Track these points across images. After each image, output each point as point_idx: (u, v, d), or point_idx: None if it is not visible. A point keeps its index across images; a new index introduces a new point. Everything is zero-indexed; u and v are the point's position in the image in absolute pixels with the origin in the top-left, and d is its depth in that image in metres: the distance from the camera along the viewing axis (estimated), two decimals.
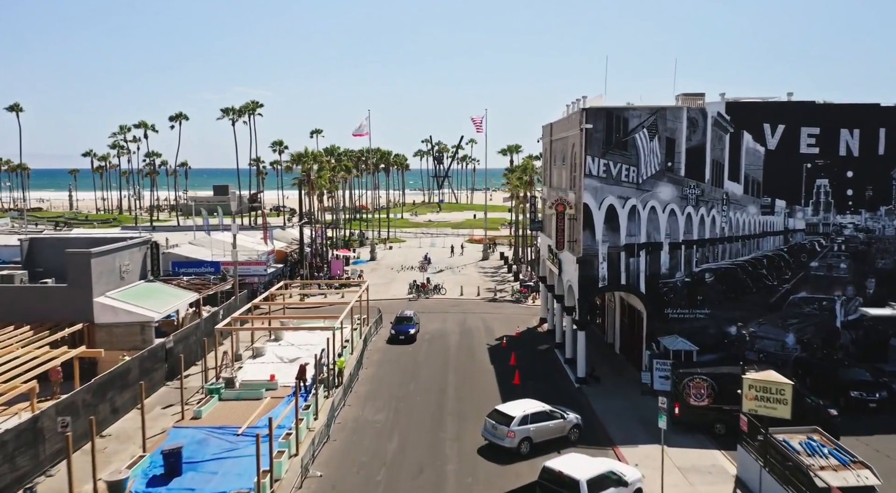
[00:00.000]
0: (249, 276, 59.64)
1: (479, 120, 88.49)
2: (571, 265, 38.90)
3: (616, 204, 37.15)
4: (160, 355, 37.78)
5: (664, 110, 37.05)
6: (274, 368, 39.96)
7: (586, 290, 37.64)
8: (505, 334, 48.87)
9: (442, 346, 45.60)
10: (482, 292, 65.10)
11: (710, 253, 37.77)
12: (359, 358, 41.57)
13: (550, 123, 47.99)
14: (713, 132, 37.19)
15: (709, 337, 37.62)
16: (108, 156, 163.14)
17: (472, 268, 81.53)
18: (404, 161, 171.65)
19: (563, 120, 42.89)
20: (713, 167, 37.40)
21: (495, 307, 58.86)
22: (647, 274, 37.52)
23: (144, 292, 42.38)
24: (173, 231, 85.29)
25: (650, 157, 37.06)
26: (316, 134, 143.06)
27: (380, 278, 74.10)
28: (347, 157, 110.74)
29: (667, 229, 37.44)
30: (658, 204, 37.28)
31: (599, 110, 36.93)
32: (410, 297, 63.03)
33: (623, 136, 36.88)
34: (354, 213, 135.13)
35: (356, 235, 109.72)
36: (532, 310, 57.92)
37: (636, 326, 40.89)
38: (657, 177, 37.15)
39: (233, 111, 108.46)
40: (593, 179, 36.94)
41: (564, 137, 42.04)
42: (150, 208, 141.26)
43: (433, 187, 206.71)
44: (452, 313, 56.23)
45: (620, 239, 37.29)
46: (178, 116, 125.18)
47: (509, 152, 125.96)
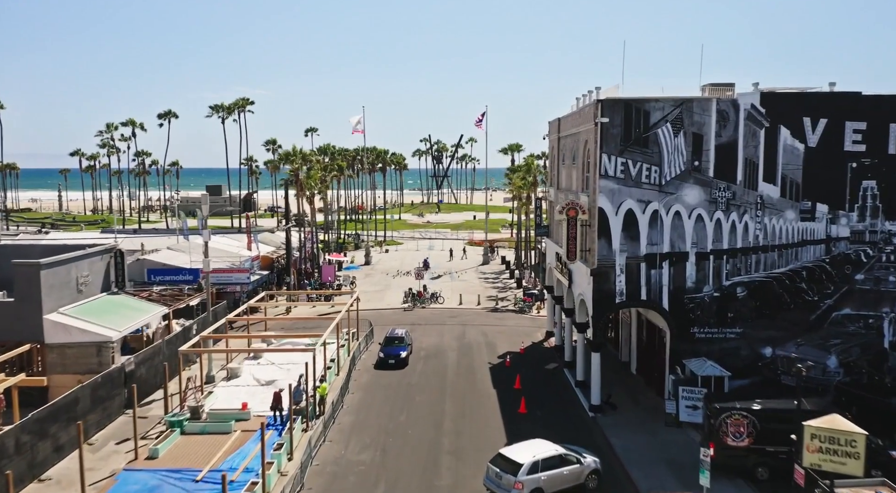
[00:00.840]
0: (231, 284, 55.17)
1: (480, 117, 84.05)
2: (584, 278, 34.42)
3: (635, 208, 32.67)
4: (118, 380, 33.29)
5: (690, 102, 32.55)
6: (250, 392, 35.48)
7: (601, 306, 33.15)
8: (508, 351, 44.36)
9: (438, 366, 41.07)
10: (483, 300, 60.61)
11: (743, 264, 33.27)
12: (345, 380, 37.08)
13: (558, 119, 43.50)
14: (746, 127, 32.69)
15: (740, 359, 33.16)
16: (98, 155, 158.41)
17: (472, 273, 77.03)
18: (402, 161, 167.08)
19: (574, 114, 38.40)
20: (746, 167, 32.91)
21: (497, 319, 54.36)
22: (670, 288, 33.04)
23: (105, 307, 37.87)
24: (157, 235, 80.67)
25: (674, 155, 32.57)
26: (311, 132, 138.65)
27: (374, 284, 69.60)
28: (342, 156, 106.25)
29: (693, 237, 32.94)
30: (683, 209, 32.79)
31: (617, 102, 32.44)
32: (406, 306, 58.52)
33: (644, 131, 32.38)
34: (351, 214, 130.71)
35: (352, 237, 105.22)
36: (537, 321, 53.41)
37: (656, 344, 36.40)
38: (682, 178, 32.66)
39: (222, 108, 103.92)
40: (609, 180, 32.45)
41: (575, 133, 37.56)
42: (139, 209, 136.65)
43: (432, 187, 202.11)
44: (450, 326, 51.73)
45: (640, 248, 32.81)
46: (168, 114, 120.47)
47: (510, 151, 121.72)
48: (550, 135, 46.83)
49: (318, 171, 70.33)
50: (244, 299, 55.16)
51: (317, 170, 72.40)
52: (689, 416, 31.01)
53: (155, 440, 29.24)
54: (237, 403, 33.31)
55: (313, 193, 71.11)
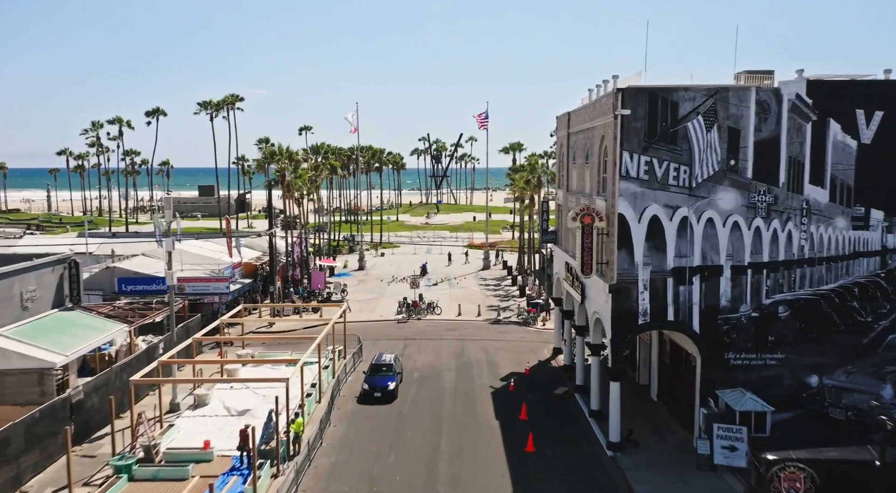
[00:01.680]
0: (208, 294, 50.61)
1: (483, 116, 79.39)
2: (601, 294, 29.88)
3: (661, 215, 28.14)
4: (62, 414, 28.76)
5: (725, 91, 28.00)
6: (218, 424, 30.99)
7: (621, 328, 28.61)
8: (512, 372, 39.81)
9: (434, 391, 36.48)
10: (483, 310, 56.06)
11: (785, 280, 28.73)
12: (327, 410, 32.54)
13: (568, 113, 38.97)
14: (790, 120, 28.14)
15: (782, 390, 28.65)
16: (87, 154, 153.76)
17: (472, 280, 72.47)
18: (400, 160, 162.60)
19: (588, 107, 33.85)
20: (790, 167, 28.37)
21: (499, 332, 49.81)
22: (702, 308, 28.50)
23: (54, 327, 33.33)
24: (139, 238, 76.10)
25: (707, 152, 28.03)
26: (305, 131, 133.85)
27: (366, 292, 65.05)
28: (336, 155, 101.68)
29: (728, 249, 28.41)
30: (717, 215, 28.25)
31: (640, 91, 27.90)
32: (400, 318, 53.94)
33: (671, 125, 27.85)
34: (348, 215, 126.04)
35: (347, 239, 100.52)
36: (543, 335, 48.88)
37: (683, 369, 31.85)
38: (716, 179, 28.12)
39: (211, 105, 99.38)
40: (631, 181, 27.92)
41: (589, 128, 33.02)
42: (126, 211, 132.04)
43: (431, 187, 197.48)
44: (448, 341, 47.17)
45: (667, 261, 28.28)
46: (156, 112, 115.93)
47: (511, 151, 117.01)
48: (559, 131, 42.30)
49: (307, 171, 65.76)
50: (223, 311, 50.64)
51: (306, 170, 67.86)
52: (726, 458, 26.47)
53: (98, 489, 24.74)
54: (202, 438, 28.79)
55: (302, 194, 66.58)
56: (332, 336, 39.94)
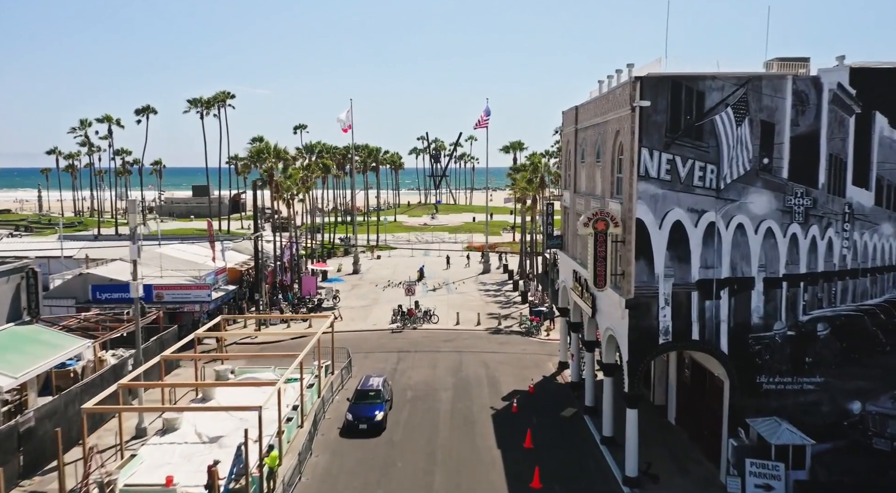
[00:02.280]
0: (189, 303, 47.29)
1: (485, 115, 75.89)
2: (616, 309, 26.57)
3: (685, 220, 24.83)
4: (9, 445, 25.46)
5: (758, 80, 24.68)
6: (187, 453, 27.68)
7: (640, 348, 25.29)
8: (514, 390, 36.50)
9: (429, 413, 33.13)
10: (483, 319, 52.72)
11: (825, 294, 25.42)
12: (309, 436, 29.22)
13: (575, 107, 35.66)
14: (831, 113, 24.83)
15: (820, 417, 25.36)
16: (78, 154, 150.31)
17: (471, 284, 69.14)
18: (398, 159, 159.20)
19: (599, 99, 30.50)
20: (830, 166, 25.05)
21: (500, 343, 46.49)
22: (730, 325, 25.20)
23: (6, 344, 30.00)
24: (126, 242, 72.65)
25: (737, 149, 24.72)
26: (300, 129, 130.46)
27: (360, 298, 61.72)
28: (331, 154, 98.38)
29: (761, 258, 25.10)
30: (749, 220, 24.95)
31: (662, 80, 24.58)
32: (394, 327, 50.58)
33: (697, 118, 24.55)
34: (344, 216, 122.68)
35: (343, 241, 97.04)
36: (547, 346, 45.56)
37: (707, 391, 28.54)
38: (748, 180, 24.82)
39: (201, 102, 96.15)
40: (651, 182, 24.61)
41: (601, 122, 29.70)
42: (114, 212, 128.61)
43: (430, 187, 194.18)
44: (445, 353, 43.84)
45: (692, 272, 24.98)
46: (146, 110, 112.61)
47: (512, 150, 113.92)
48: (565, 127, 38.99)
49: (298, 170, 62.41)
50: (205, 320, 47.33)
51: (297, 169, 64.53)
52: None
53: None
54: (166, 471, 25.48)
55: (293, 195, 63.26)
56: (318, 350, 36.67)
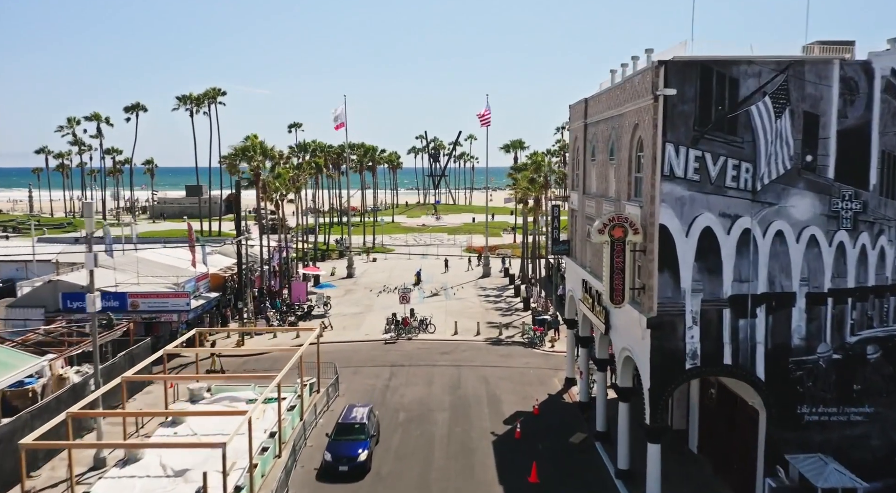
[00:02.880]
0: (166, 312, 43.95)
1: (486, 112, 72.47)
2: (635, 328, 23.30)
3: (716, 226, 21.58)
4: None
5: (800, 65, 21.41)
6: (147, 488, 24.37)
7: (664, 374, 22.02)
8: (517, 411, 33.21)
9: (423, 440, 29.82)
10: (483, 328, 49.41)
11: (876, 311, 22.17)
12: (285, 472, 25.89)
13: (584, 100, 32.38)
14: (884, 104, 21.58)
15: (869, 452, 22.14)
16: (69, 153, 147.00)
17: (470, 289, 65.83)
18: (396, 158, 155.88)
19: (614, 89, 27.19)
20: (883, 164, 21.80)
21: (501, 356, 43.19)
22: (768, 347, 21.94)
23: None
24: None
25: (776, 145, 21.46)
26: (295, 128, 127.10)
27: (353, 304, 58.41)
28: (325, 152, 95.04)
29: (803, 270, 21.85)
30: (789, 227, 21.70)
31: (690, 65, 21.31)
32: (388, 337, 47.24)
33: (730, 108, 21.30)
34: (341, 216, 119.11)
35: (339, 243, 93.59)
36: (552, 359, 42.29)
37: (737, 419, 25.27)
38: (788, 180, 21.56)
39: (190, 99, 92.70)
40: (677, 183, 21.35)
41: (615, 115, 26.42)
42: (107, 212, 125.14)
43: (428, 187, 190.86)
44: (442, 367, 40.55)
45: (723, 287, 21.72)
46: (135, 107, 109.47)
47: (513, 149, 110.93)
48: (572, 123, 35.71)
49: (287, 170, 59.11)
50: (183, 331, 44.06)
51: (287, 168, 61.24)
52: None
53: None
54: None
55: (283, 195, 59.97)
56: (301, 367, 33.39)
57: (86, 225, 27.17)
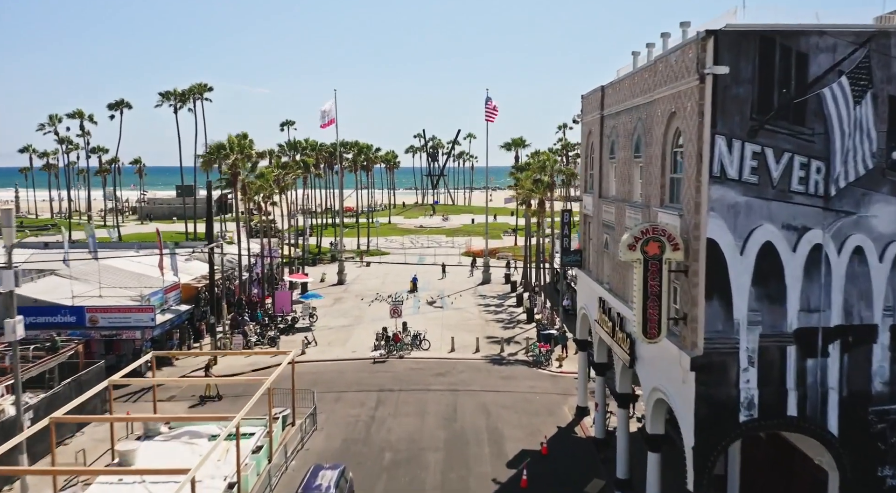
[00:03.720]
0: (129, 328, 39.38)
1: (491, 105, 67.69)
2: (672, 367, 18.69)
3: (779, 242, 17.00)
4: None
5: (886, 38, 16.83)
6: None
7: (712, 429, 17.43)
8: (523, 449, 28.65)
9: (410, 488, 25.24)
10: (482, 343, 44.85)
11: None
12: None
13: (601, 88, 27.81)
14: None
15: None
16: (54, 152, 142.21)
17: (469, 298, 61.30)
18: (393, 158, 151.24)
19: (641, 72, 22.56)
20: None
21: (503, 377, 38.64)
22: (842, 395, 17.36)
23: None
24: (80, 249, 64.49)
25: (854, 139, 16.88)
26: (287, 126, 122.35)
27: (341, 315, 53.83)
28: (317, 150, 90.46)
29: (888, 298, 17.27)
30: (871, 242, 17.11)
31: (746, 36, 16.71)
32: (377, 355, 42.62)
33: (797, 92, 16.71)
34: (334, 217, 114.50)
35: (333, 246, 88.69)
36: (560, 382, 37.77)
37: (796, 480, 20.68)
38: (869, 182, 16.99)
39: (174, 95, 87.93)
40: (730, 186, 16.77)
41: (643, 104, 21.83)
42: (94, 212, 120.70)
43: (427, 187, 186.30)
44: (436, 392, 35.99)
45: (787, 318, 17.15)
46: (119, 104, 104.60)
47: (514, 147, 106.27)
48: (585, 115, 31.14)
49: (271, 169, 54.54)
50: (147, 349, 39.55)
51: (271, 168, 56.65)
52: None
53: None
54: None
55: (266, 197, 55.40)
56: (281, 391, 28.86)
57: (5, 237, 22.61)
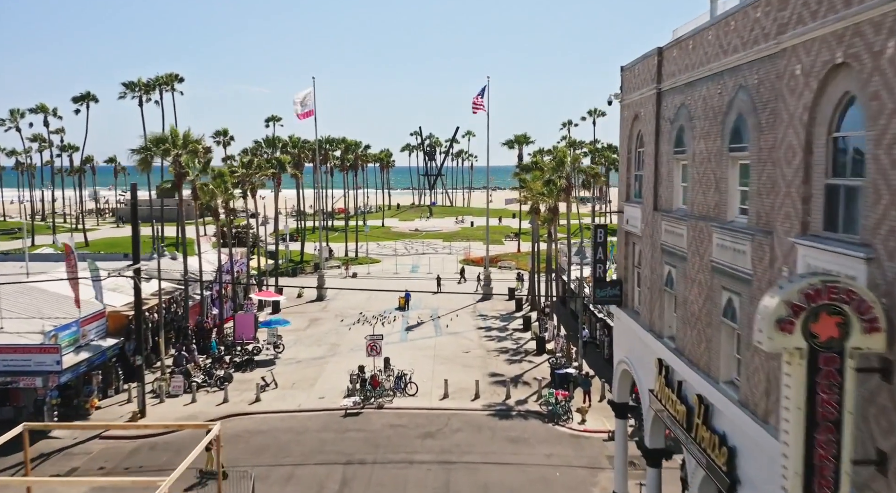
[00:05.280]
0: (28, 374, 30.40)
1: (478, 96, 59.32)
2: None
3: None
4: None
5: None
6: None
7: None
8: None
9: None
10: (483, 384, 36.03)
11: None
12: None
13: (657, 50, 19.01)
14: None
15: None
16: (27, 150, 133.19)
17: (466, 318, 52.50)
18: (387, 157, 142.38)
19: (751, 9, 13.63)
20: None
21: (510, 440, 29.82)
22: None
23: None
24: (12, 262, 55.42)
25: None
26: (272, 122, 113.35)
27: (314, 343, 44.98)
28: (299, 148, 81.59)
29: None
30: None
31: None
32: (350, 404, 33.64)
33: None
34: (325, 219, 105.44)
35: (320, 253, 79.58)
36: (584, 446, 28.99)
37: None
38: None
39: (139, 86, 79.12)
40: None
41: (752, 62, 12.96)
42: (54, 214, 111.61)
43: (423, 187, 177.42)
44: (421, 466, 27.13)
45: None
46: (85, 97, 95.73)
47: (517, 144, 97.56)
48: (628, 94, 22.31)
49: (228, 169, 45.64)
50: (53, 399, 30.89)
51: (233, 167, 47.76)
52: None
53: None
54: None
55: (225, 201, 46.53)
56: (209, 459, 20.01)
57: None
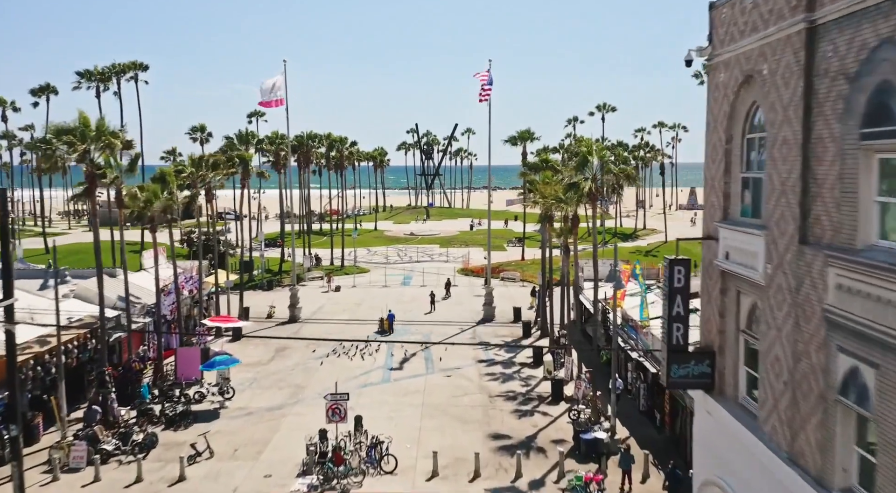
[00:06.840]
0: None
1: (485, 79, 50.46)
2: None
3: None
4: None
5: None
6: None
7: None
8: None
9: None
10: (486, 453, 27.14)
11: None
12: None
13: None
14: None
15: None
16: None
17: (464, 348, 43.56)
18: (381, 155, 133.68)
19: None
20: None
21: None
22: None
23: None
24: None
25: None
26: (256, 117, 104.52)
27: (274, 386, 36.04)
28: (277, 145, 72.75)
29: None
30: None
31: None
32: (305, 489, 24.69)
33: None
34: (303, 223, 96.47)
35: (293, 266, 70.71)
36: None
37: None
38: None
39: (96, 76, 70.24)
40: None
41: None
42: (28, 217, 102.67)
43: (420, 187, 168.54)
44: None
45: None
46: (45, 90, 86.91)
47: (520, 141, 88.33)
48: (728, 43, 13.32)
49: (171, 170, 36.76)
50: None
51: (180, 167, 38.86)
52: None
53: None
54: None
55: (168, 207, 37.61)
56: None
57: None
